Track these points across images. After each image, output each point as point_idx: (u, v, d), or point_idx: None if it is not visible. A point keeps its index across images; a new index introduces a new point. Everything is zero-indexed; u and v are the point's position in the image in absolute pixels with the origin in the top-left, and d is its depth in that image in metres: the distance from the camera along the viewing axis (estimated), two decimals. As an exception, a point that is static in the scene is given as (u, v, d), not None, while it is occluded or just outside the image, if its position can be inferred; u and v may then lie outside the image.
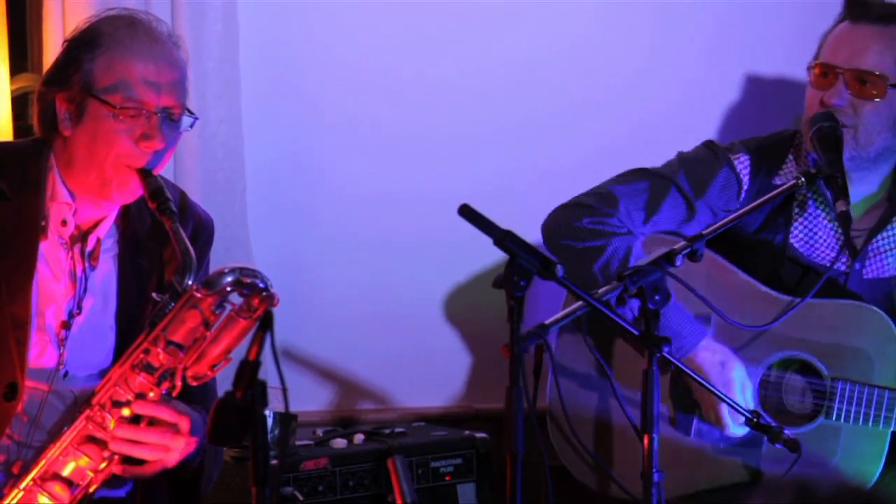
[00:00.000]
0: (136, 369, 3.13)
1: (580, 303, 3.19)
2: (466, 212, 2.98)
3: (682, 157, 3.98)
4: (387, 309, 4.50)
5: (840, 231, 3.88)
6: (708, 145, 3.99)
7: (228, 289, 3.09)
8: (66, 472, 3.15)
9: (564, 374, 3.86)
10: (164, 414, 3.16)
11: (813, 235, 3.90)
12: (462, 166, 4.49)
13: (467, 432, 4.20)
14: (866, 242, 3.87)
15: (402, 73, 4.48)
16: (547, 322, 3.13)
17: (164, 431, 3.16)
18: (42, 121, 3.31)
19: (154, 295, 3.19)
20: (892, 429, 3.71)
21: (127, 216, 3.37)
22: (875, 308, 3.75)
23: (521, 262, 2.96)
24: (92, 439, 3.15)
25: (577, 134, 4.54)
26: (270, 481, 2.58)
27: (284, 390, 2.66)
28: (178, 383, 3.14)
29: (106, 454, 3.16)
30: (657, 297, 3.17)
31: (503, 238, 2.98)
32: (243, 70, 4.32)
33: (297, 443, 4.02)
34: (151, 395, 3.15)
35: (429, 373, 4.54)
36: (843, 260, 3.88)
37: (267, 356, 2.60)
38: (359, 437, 4.10)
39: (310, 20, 4.43)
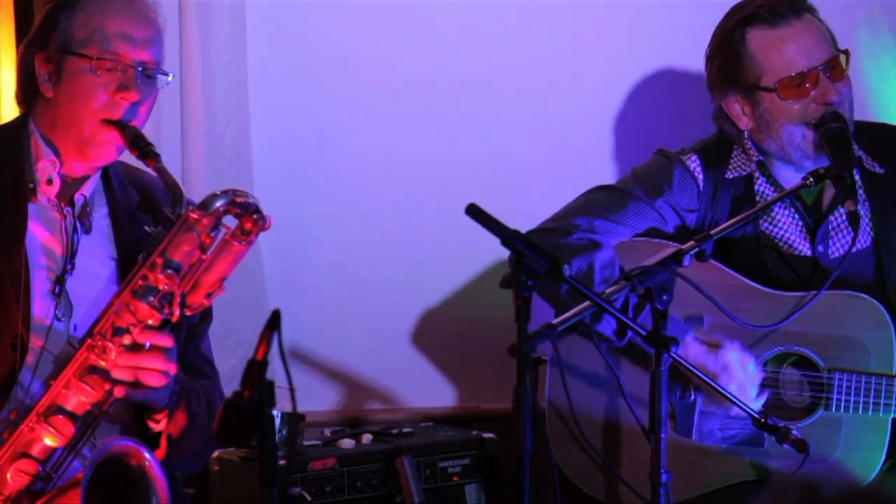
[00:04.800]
0: (136, 295, 3.16)
1: (587, 302, 3.19)
2: (474, 212, 2.98)
3: (635, 169, 4.00)
4: (395, 309, 4.50)
5: (798, 214, 3.87)
6: (659, 152, 4.01)
7: (222, 209, 3.15)
8: (69, 405, 3.17)
9: (567, 376, 3.85)
10: (164, 340, 3.18)
11: (777, 221, 3.90)
12: (473, 166, 4.49)
13: (475, 432, 4.20)
14: (823, 221, 3.86)
15: (411, 73, 4.48)
16: (554, 321, 3.13)
17: (163, 358, 3.18)
18: (23, 84, 3.38)
19: (147, 228, 3.26)
20: (892, 416, 3.70)
21: (111, 191, 3.42)
22: (866, 296, 3.75)
23: (528, 262, 2.96)
24: (94, 370, 3.17)
25: (585, 123, 4.54)
26: (278, 481, 2.58)
27: (292, 390, 2.66)
28: (177, 311, 3.16)
29: (107, 387, 3.18)
30: (665, 297, 3.17)
31: (511, 238, 2.98)
32: (251, 70, 4.33)
33: (305, 443, 4.03)
34: (151, 321, 3.16)
35: (437, 373, 4.55)
36: (808, 245, 3.87)
37: (274, 356, 2.60)
38: (367, 438, 4.10)
39: (317, 20, 4.44)
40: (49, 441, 3.16)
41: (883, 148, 3.92)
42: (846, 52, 3.84)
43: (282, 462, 2.62)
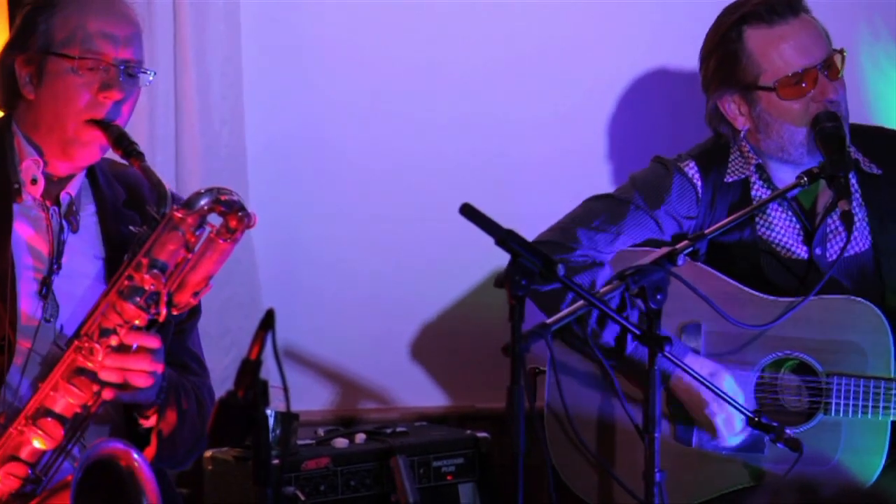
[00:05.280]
0: (122, 295, 3.14)
1: (581, 302, 3.19)
2: (468, 211, 2.97)
3: (633, 177, 3.99)
4: (389, 309, 4.50)
5: (795, 217, 3.88)
6: (656, 160, 4.00)
7: (206, 207, 3.14)
8: (58, 407, 3.16)
9: (562, 376, 3.85)
10: (151, 342, 3.17)
11: (774, 225, 3.90)
12: (469, 166, 4.49)
13: (469, 432, 4.20)
14: (819, 224, 3.86)
15: (407, 73, 4.48)
16: (548, 321, 3.13)
17: (151, 358, 3.17)
18: (3, 88, 3.36)
19: (132, 228, 3.24)
20: (891, 418, 3.71)
21: (98, 188, 3.41)
22: (863, 300, 3.75)
23: (522, 262, 2.96)
24: (82, 371, 3.16)
25: (584, 122, 4.54)
26: (272, 481, 2.58)
27: (286, 389, 2.66)
28: (164, 311, 3.16)
29: (95, 389, 3.16)
30: (659, 297, 3.17)
31: (505, 238, 2.98)
32: (246, 70, 4.32)
33: (299, 442, 4.02)
34: (138, 322, 3.15)
35: (430, 372, 4.55)
36: (805, 248, 3.88)
37: (268, 355, 2.60)
38: (360, 437, 4.10)
39: (312, 20, 4.44)
40: (38, 444, 3.15)
41: (879, 150, 3.92)
42: (842, 52, 3.85)
43: (275, 461, 2.61)
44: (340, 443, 4.06)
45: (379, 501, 3.99)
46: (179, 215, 3.12)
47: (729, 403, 3.56)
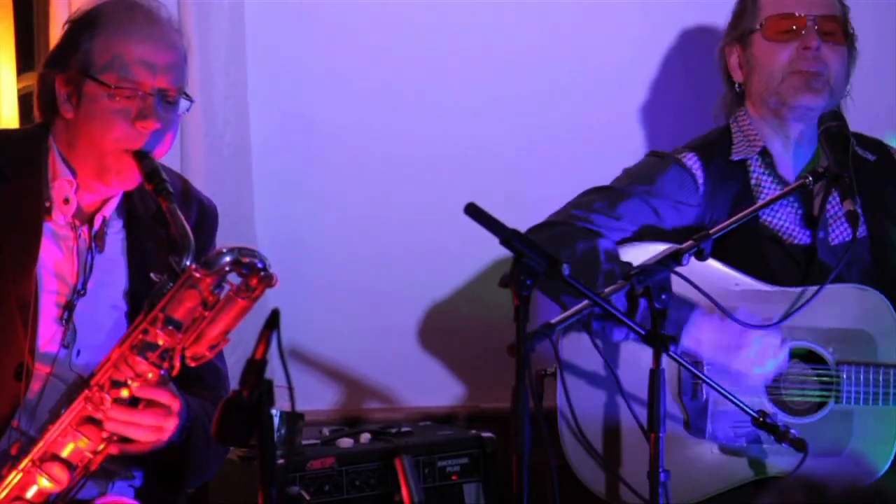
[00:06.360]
0: (135, 350, 3.12)
1: (586, 301, 3.19)
2: (473, 211, 2.98)
3: (628, 170, 4.01)
4: (394, 308, 4.50)
5: (798, 202, 3.90)
6: (652, 153, 4.04)
7: (227, 268, 3.09)
8: (65, 453, 3.14)
9: (570, 374, 3.85)
10: (162, 397, 3.15)
11: (776, 212, 3.91)
12: (473, 165, 4.49)
13: (474, 432, 4.19)
14: (821, 208, 3.87)
15: (411, 70, 4.48)
16: (553, 321, 3.13)
17: (159, 414, 3.16)
18: (42, 103, 3.33)
19: (152, 275, 3.18)
20: None
21: (130, 201, 3.38)
22: (871, 288, 3.77)
23: (527, 262, 2.96)
24: (90, 420, 3.14)
25: (586, 117, 4.55)
26: (277, 481, 2.58)
27: (291, 389, 2.66)
28: (177, 364, 3.13)
29: (104, 435, 3.14)
30: (663, 297, 3.18)
31: (510, 237, 2.98)
32: (250, 70, 4.32)
33: (304, 442, 4.02)
34: (150, 375, 3.13)
35: (435, 372, 4.54)
36: (807, 233, 3.89)
37: (273, 355, 2.60)
38: (365, 437, 4.10)
39: (317, 19, 4.43)
40: (45, 485, 3.13)
41: (871, 142, 3.97)
42: (848, 26, 3.86)
43: (281, 461, 2.62)
44: (345, 443, 4.06)
45: (384, 501, 3.99)
46: (198, 276, 3.08)
47: (735, 403, 3.56)
